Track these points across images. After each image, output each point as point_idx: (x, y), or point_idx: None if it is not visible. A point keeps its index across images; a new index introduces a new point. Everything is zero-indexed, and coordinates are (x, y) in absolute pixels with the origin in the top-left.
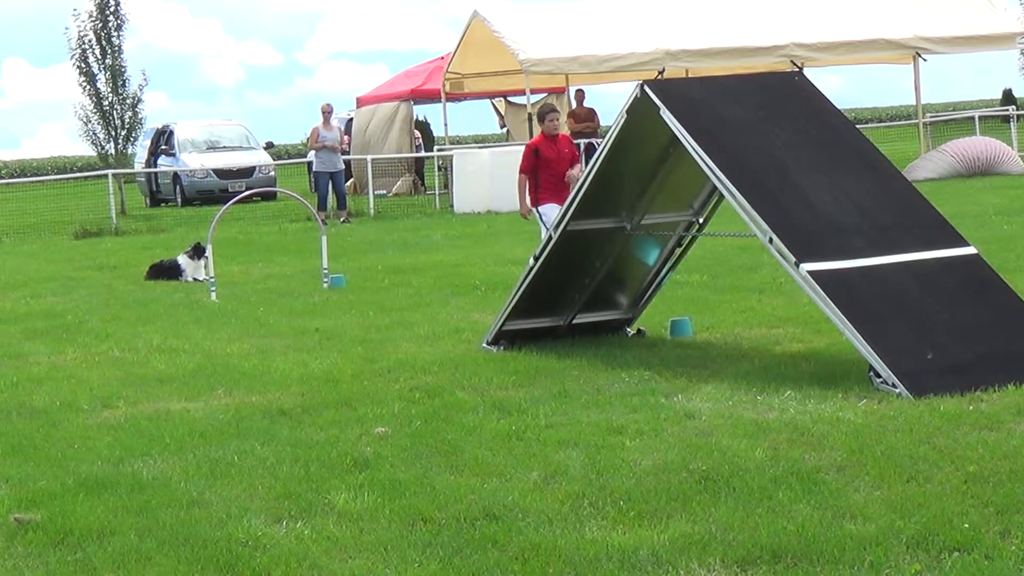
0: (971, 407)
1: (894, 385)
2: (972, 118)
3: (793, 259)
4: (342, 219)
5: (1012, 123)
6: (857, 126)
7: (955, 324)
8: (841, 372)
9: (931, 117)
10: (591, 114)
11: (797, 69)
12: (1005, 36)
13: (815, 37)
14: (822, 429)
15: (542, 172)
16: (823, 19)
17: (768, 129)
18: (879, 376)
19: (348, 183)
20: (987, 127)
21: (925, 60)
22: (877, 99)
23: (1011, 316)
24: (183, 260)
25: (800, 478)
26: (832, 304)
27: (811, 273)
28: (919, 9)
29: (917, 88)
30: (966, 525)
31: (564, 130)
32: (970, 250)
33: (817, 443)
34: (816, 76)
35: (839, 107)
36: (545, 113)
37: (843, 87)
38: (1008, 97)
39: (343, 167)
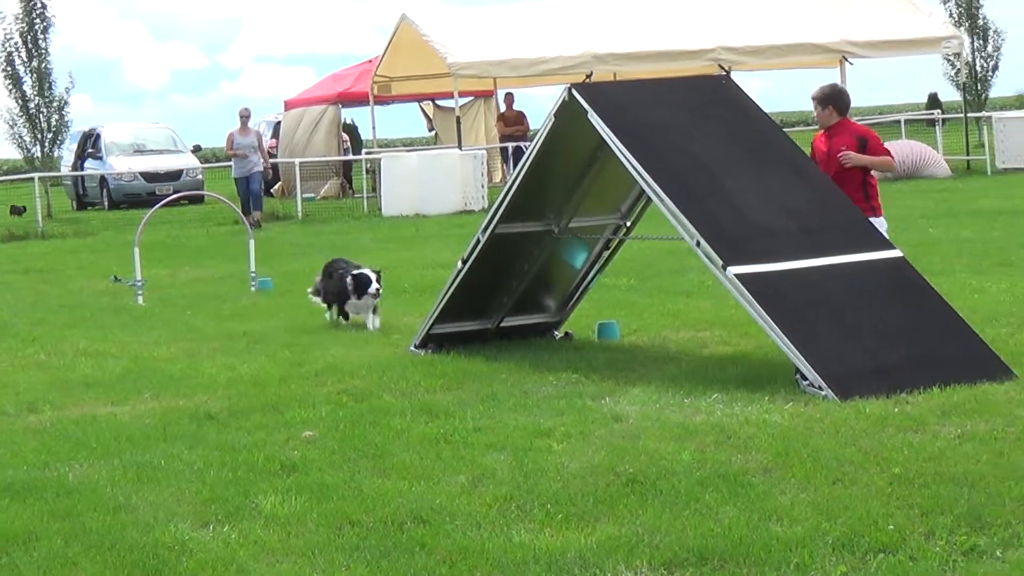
0: (896, 409)
1: (820, 388)
2: (898, 122)
3: (720, 262)
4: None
5: (938, 127)
6: (784, 130)
7: (880, 327)
8: (768, 375)
9: (857, 121)
10: (520, 117)
11: (724, 73)
12: (931, 40)
13: (742, 41)
14: (749, 431)
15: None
16: (750, 23)
17: (696, 133)
18: (805, 379)
19: (276, 186)
20: (913, 131)
21: (851, 64)
22: (804, 103)
23: (935, 319)
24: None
25: (727, 480)
26: (759, 307)
27: (738, 276)
28: (845, 13)
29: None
30: (891, 526)
31: None
32: (895, 253)
33: (744, 445)
34: (743, 80)
35: (766, 110)
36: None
37: (770, 91)
38: (934, 101)
39: (260, 171)
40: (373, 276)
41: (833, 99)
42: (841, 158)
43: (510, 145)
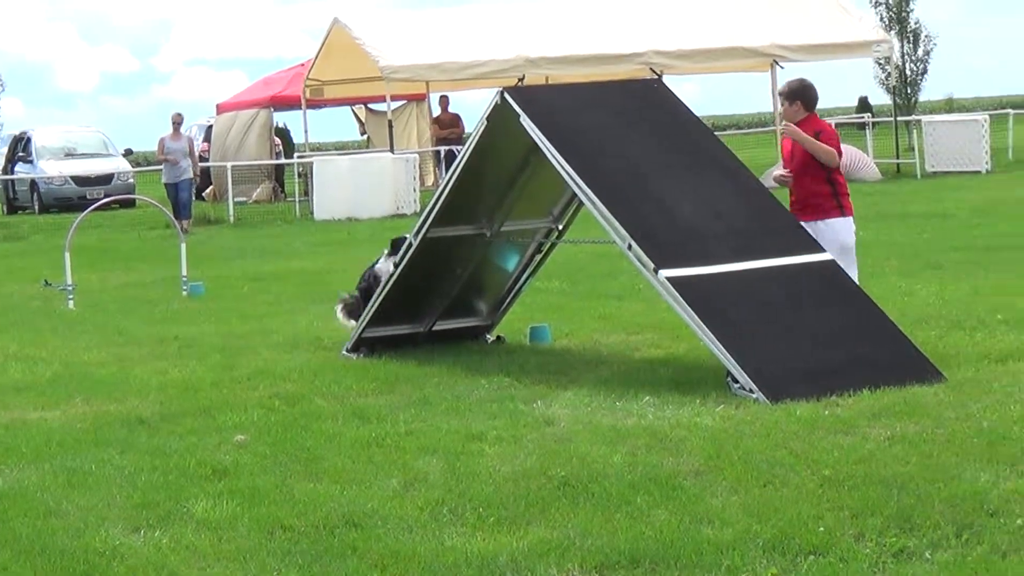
0: (827, 412)
1: (751, 390)
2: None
3: (652, 265)
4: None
5: (868, 130)
6: (715, 133)
7: (811, 329)
8: (699, 377)
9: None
10: (456, 120)
11: (656, 76)
12: (861, 44)
13: (674, 45)
14: (680, 434)
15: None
16: (682, 27)
17: (628, 136)
18: (736, 381)
19: (208, 190)
20: (843, 134)
21: (782, 68)
22: (735, 106)
23: (865, 321)
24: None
25: (658, 483)
26: (690, 310)
27: (669, 279)
28: (776, 17)
29: (775, 95)
30: (821, 528)
31: None
32: (826, 256)
33: (675, 448)
34: (675, 83)
35: (698, 114)
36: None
37: (701, 94)
38: (864, 105)
39: (190, 176)
40: None
41: (801, 94)
42: (783, 125)
43: (442, 149)
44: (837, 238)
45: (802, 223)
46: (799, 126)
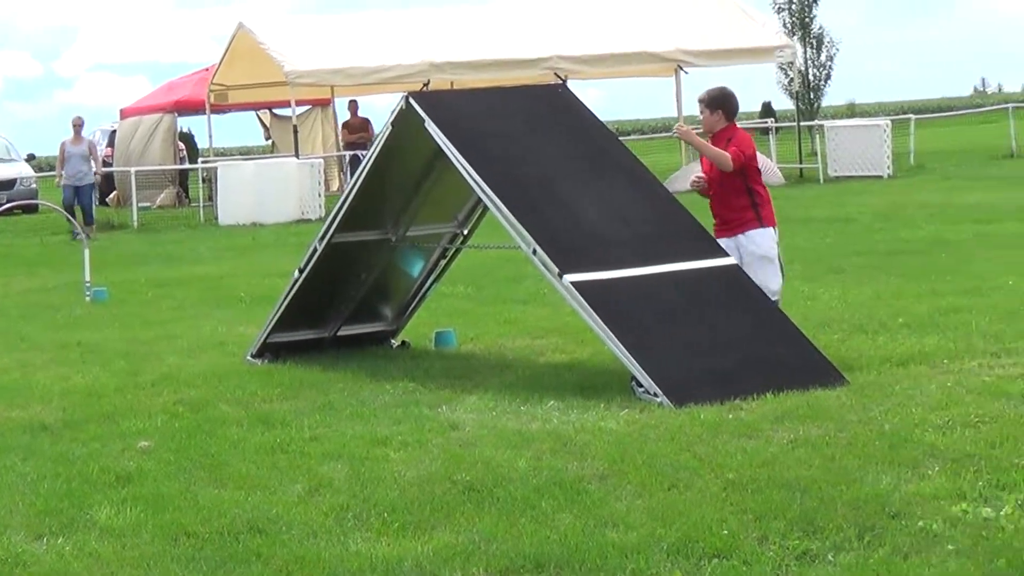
0: (730, 415)
1: (655, 394)
2: None
3: (556, 270)
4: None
5: (771, 135)
6: (620, 138)
7: (715, 334)
8: (604, 382)
9: (692, 129)
10: (365, 124)
11: (561, 81)
12: (764, 49)
13: (579, 50)
14: (585, 438)
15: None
16: (586, 32)
17: (532, 141)
18: (641, 386)
19: (112, 195)
20: None
21: (687, 73)
22: (639, 111)
23: (769, 325)
24: None
25: (563, 487)
26: (594, 314)
27: (574, 284)
28: (681, 23)
29: (679, 100)
30: (725, 532)
31: None
32: (730, 260)
33: (580, 452)
34: (579, 88)
35: (602, 119)
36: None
37: (606, 99)
38: (767, 110)
39: (91, 181)
40: None
41: (723, 103)
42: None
43: (347, 154)
44: (758, 251)
45: (724, 240)
46: (718, 135)
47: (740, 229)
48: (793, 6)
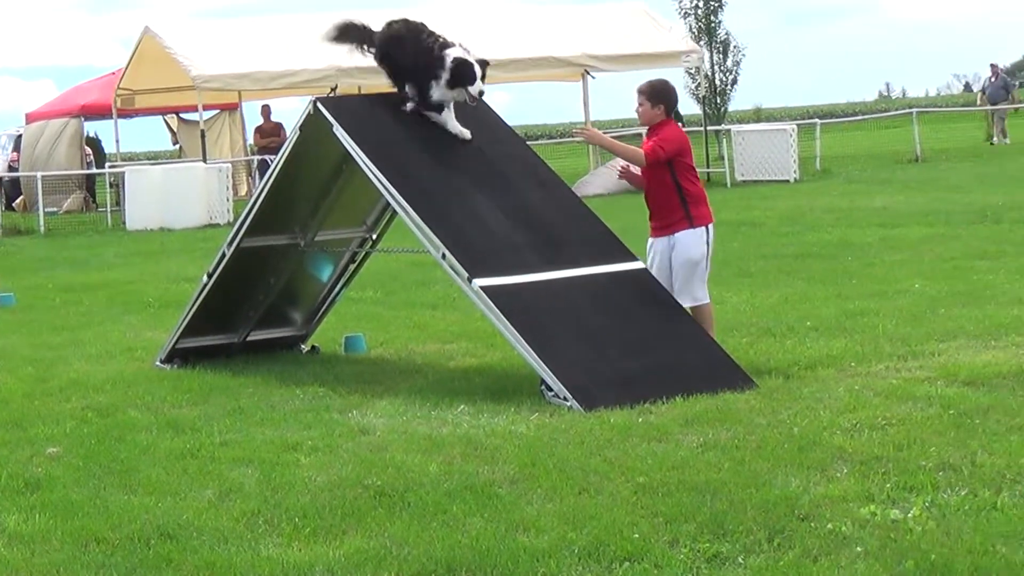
0: (640, 419)
1: (565, 398)
2: (640, 135)
3: (466, 274)
4: None
5: None
6: (528, 142)
7: (625, 337)
8: (514, 386)
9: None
10: (278, 129)
11: None
12: (671, 54)
13: (487, 55)
14: (495, 443)
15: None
16: (494, 37)
17: (441, 146)
18: (551, 390)
19: (18, 200)
20: None
21: (594, 78)
22: (547, 116)
23: (677, 329)
24: None
25: (474, 492)
26: (504, 319)
27: (483, 288)
28: (587, 28)
29: (586, 105)
30: (636, 535)
31: None
32: (638, 264)
33: (490, 457)
34: (488, 93)
35: (510, 124)
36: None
37: (514, 104)
38: (675, 114)
39: None
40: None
41: (665, 97)
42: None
43: (256, 158)
44: (684, 254)
45: (660, 240)
46: (656, 129)
47: (671, 230)
48: (699, 11)
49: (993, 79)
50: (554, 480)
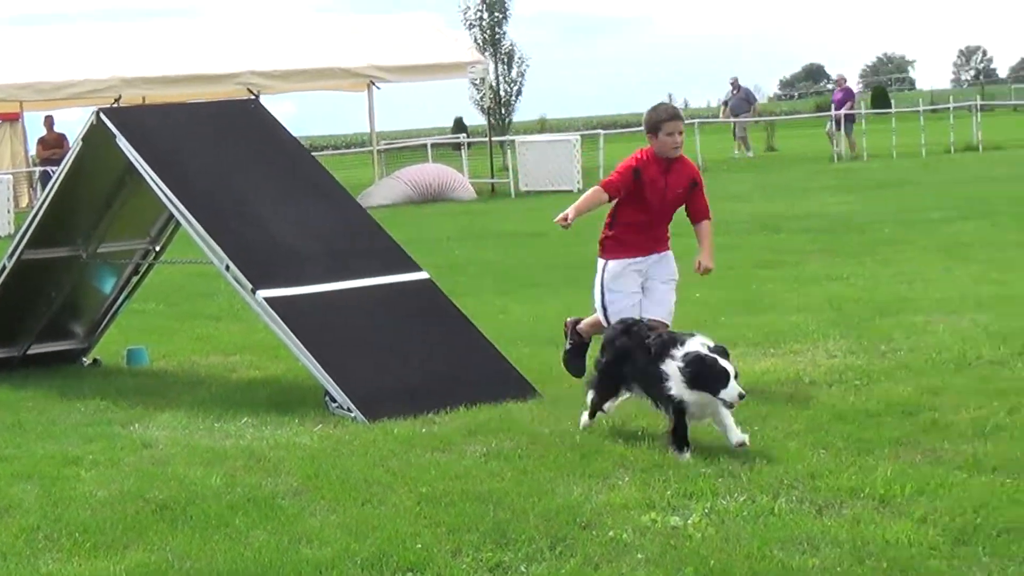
0: (424, 429)
1: (349, 409)
2: (425, 146)
3: (250, 286)
4: None
5: (463, 151)
6: (313, 153)
7: (409, 348)
8: (298, 398)
9: (385, 145)
10: (60, 140)
11: (253, 97)
12: (456, 65)
13: (272, 65)
14: (279, 455)
15: (630, 207)
16: (279, 47)
17: (225, 157)
18: (335, 401)
19: None
20: (439, 154)
21: (379, 88)
22: (333, 126)
23: (462, 340)
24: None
25: (257, 504)
26: (288, 330)
27: (267, 300)
28: (373, 39)
29: (371, 116)
30: (419, 545)
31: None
32: (423, 275)
33: (274, 469)
34: (272, 103)
35: (295, 134)
36: (663, 120)
37: (298, 114)
38: (459, 125)
39: None
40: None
41: (645, 122)
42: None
43: (37, 170)
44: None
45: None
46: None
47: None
48: (484, 23)
49: (736, 92)
50: (337, 491)
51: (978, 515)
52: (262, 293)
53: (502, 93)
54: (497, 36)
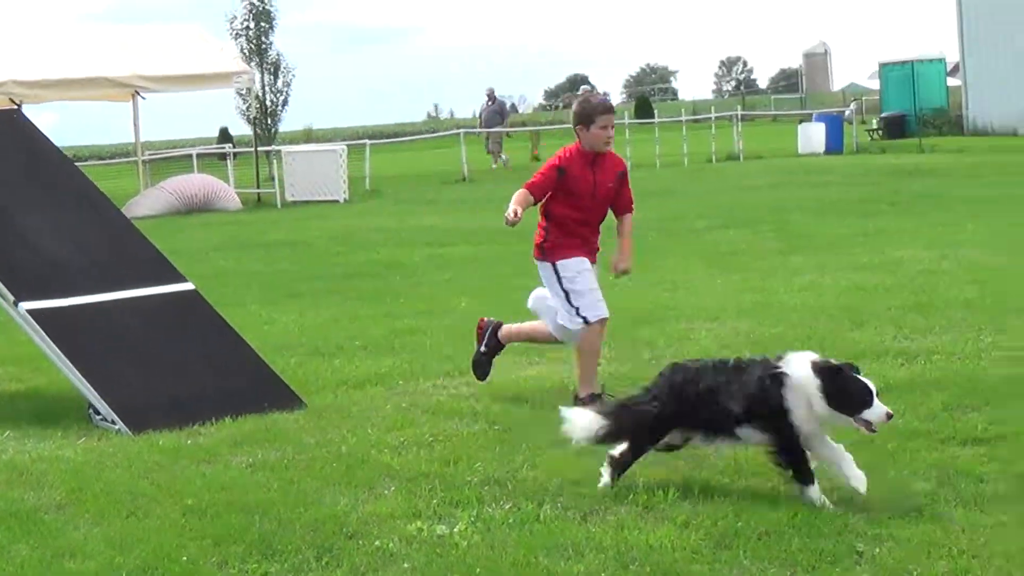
0: (189, 441)
1: (113, 422)
2: (190, 156)
3: (12, 298)
4: None
5: (229, 160)
6: (77, 164)
7: (174, 359)
8: (61, 410)
9: (150, 155)
10: None
11: (16, 106)
12: (222, 75)
13: (34, 74)
14: (41, 468)
15: (561, 205)
16: (42, 57)
17: None
18: (99, 413)
19: None
20: (205, 164)
21: (144, 98)
22: (97, 136)
23: (227, 350)
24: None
25: (19, 518)
26: (50, 342)
27: (30, 312)
28: (139, 48)
29: (136, 125)
30: (185, 558)
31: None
32: (188, 286)
33: (36, 482)
34: (34, 113)
35: (59, 144)
36: (597, 112)
37: (62, 124)
38: (225, 135)
39: None
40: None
41: (575, 112)
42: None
43: None
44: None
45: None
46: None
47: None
48: (250, 32)
49: (490, 103)
50: (101, 504)
51: (739, 519)
52: (25, 305)
53: (268, 103)
54: (264, 46)
